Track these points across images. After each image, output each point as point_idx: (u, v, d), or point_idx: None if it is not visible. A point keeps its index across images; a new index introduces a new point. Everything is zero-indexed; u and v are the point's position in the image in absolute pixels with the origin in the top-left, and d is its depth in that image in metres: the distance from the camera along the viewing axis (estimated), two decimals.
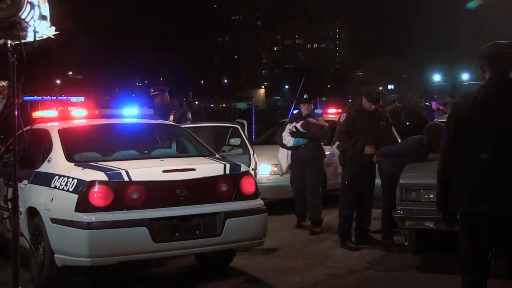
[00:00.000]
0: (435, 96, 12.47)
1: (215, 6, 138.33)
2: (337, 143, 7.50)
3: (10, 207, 3.92)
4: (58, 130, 5.94)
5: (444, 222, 3.84)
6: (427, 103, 12.35)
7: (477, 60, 3.76)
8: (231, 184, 5.55)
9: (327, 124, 8.43)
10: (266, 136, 12.24)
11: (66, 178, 5.24)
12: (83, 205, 5.00)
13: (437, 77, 76.28)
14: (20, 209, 4.06)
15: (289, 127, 8.32)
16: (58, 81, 71.09)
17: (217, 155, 6.15)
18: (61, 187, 5.22)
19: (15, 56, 3.75)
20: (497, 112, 3.59)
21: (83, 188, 5.03)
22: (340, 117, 7.17)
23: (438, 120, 8.22)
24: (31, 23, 3.75)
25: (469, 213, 3.61)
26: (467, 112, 3.63)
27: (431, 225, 5.98)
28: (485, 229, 3.55)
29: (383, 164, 6.90)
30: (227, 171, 5.59)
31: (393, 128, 7.60)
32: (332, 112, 12.02)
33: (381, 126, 7.14)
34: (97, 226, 4.95)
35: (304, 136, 8.17)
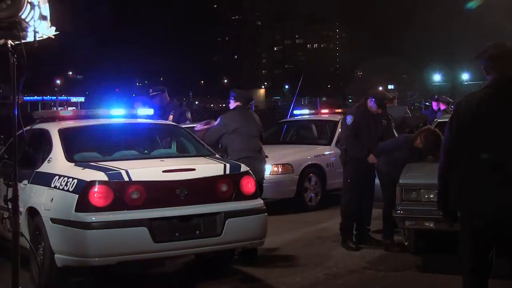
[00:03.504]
0: (436, 96, 12.47)
1: (215, 6, 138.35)
2: (334, 140, 7.41)
3: (10, 207, 3.92)
4: (58, 130, 5.94)
5: (445, 220, 3.84)
6: (427, 103, 12.33)
7: (480, 61, 3.74)
8: (231, 184, 5.54)
9: (207, 127, 7.17)
10: (266, 136, 12.23)
11: (66, 178, 5.24)
12: (83, 205, 5.00)
13: (437, 77, 76.28)
14: (20, 209, 4.05)
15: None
16: (58, 81, 71.15)
17: (217, 155, 6.15)
18: (61, 187, 5.22)
19: (15, 56, 3.75)
20: (501, 113, 3.57)
21: (83, 188, 5.03)
22: (346, 119, 7.15)
23: (438, 120, 8.22)
24: (31, 23, 3.75)
25: (470, 213, 3.61)
26: (471, 112, 3.61)
27: (431, 225, 5.98)
28: (486, 229, 3.54)
29: (379, 163, 6.94)
30: (227, 171, 5.59)
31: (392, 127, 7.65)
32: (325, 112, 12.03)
33: (383, 125, 7.23)
34: (97, 226, 4.94)
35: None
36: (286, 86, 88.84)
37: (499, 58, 3.66)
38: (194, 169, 5.45)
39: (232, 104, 7.23)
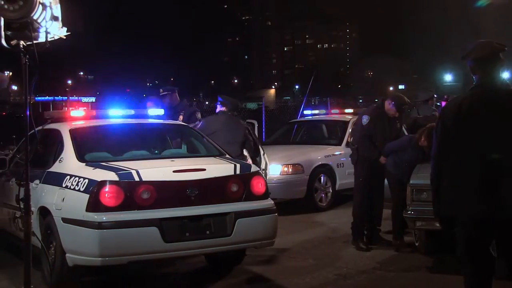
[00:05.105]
0: (445, 96, 12.41)
1: (226, 6, 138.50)
2: (345, 141, 7.33)
3: (22, 206, 3.95)
4: (70, 130, 5.97)
5: (441, 226, 3.80)
6: (437, 103, 12.26)
7: (466, 61, 3.69)
8: (241, 184, 5.54)
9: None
10: (276, 136, 12.26)
11: (77, 178, 5.27)
12: (94, 205, 5.02)
13: (448, 77, 75.84)
14: (32, 208, 4.08)
15: None
16: (69, 82, 71.56)
17: (227, 155, 6.16)
18: (72, 187, 5.25)
19: (27, 56, 3.78)
20: (488, 113, 3.51)
21: (94, 188, 5.05)
22: (362, 119, 7.15)
23: None
24: (43, 24, 3.77)
25: (463, 216, 3.56)
26: (455, 115, 3.57)
27: None
28: (479, 230, 3.51)
29: (386, 164, 6.94)
30: (238, 171, 5.59)
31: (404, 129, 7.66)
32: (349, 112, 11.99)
33: (398, 127, 7.25)
34: (107, 226, 4.96)
35: None
36: (297, 86, 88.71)
37: (485, 58, 3.61)
38: (204, 169, 5.45)
39: (218, 109, 7.52)
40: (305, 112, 13.31)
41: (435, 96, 11.11)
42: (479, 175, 3.46)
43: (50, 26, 3.84)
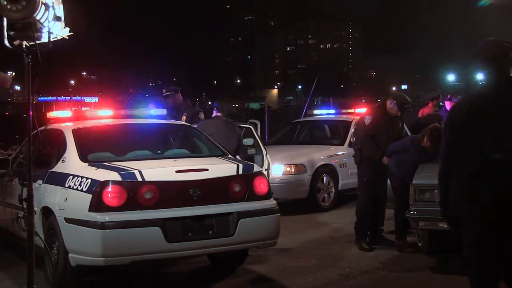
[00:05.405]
0: (448, 96, 12.37)
1: (228, 6, 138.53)
2: (348, 141, 7.33)
3: (25, 206, 3.95)
4: (72, 130, 5.98)
5: (449, 227, 3.80)
6: (441, 103, 12.24)
7: (475, 61, 3.68)
8: (244, 184, 5.54)
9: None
10: (279, 136, 12.26)
11: (80, 178, 5.27)
12: (97, 205, 5.03)
13: (451, 77, 75.75)
14: (35, 208, 4.09)
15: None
16: (72, 82, 71.68)
17: (229, 155, 6.16)
18: (75, 187, 5.26)
19: (30, 56, 3.78)
20: (495, 115, 3.50)
21: (96, 188, 5.06)
22: (365, 119, 7.15)
23: None
24: (45, 24, 3.78)
25: (470, 217, 3.55)
26: (464, 115, 3.56)
27: (445, 226, 5.93)
28: (487, 233, 3.49)
29: (389, 164, 6.94)
30: (240, 172, 5.59)
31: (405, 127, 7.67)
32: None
33: (400, 127, 7.26)
34: (110, 226, 4.97)
35: None
36: (299, 86, 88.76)
37: (494, 58, 3.59)
38: (207, 169, 5.46)
39: (214, 114, 7.75)
40: (315, 111, 13.24)
41: (440, 96, 11.09)
42: (486, 176, 3.45)
43: (53, 26, 3.85)
